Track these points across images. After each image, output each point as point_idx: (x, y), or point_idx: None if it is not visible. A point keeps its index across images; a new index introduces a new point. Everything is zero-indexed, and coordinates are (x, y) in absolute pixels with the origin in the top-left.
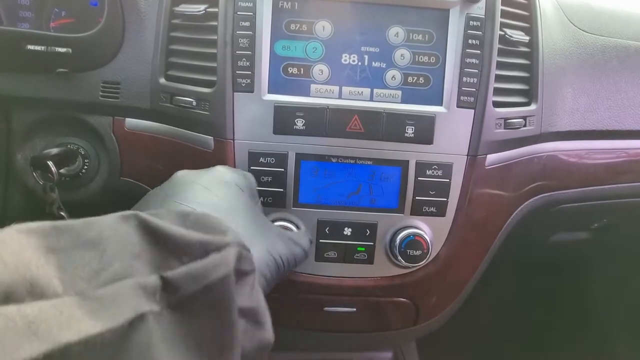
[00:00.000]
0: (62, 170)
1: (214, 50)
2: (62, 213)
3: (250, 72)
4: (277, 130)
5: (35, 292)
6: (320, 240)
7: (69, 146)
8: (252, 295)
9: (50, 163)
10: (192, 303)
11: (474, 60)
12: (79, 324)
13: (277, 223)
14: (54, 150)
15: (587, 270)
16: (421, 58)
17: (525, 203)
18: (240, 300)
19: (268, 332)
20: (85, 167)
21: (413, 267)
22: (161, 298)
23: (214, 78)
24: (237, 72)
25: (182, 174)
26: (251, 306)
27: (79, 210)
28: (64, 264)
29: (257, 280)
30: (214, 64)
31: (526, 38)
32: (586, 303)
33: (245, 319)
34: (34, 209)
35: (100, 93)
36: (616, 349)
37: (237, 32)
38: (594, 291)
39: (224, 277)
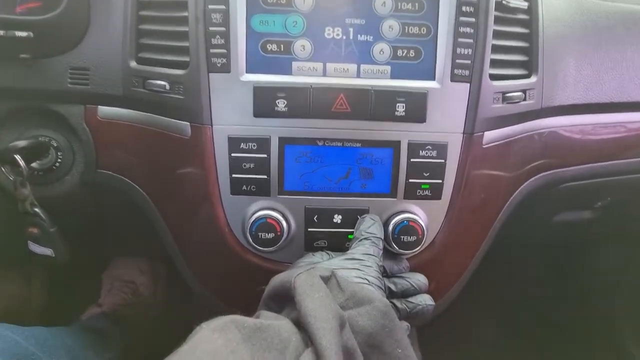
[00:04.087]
0: (33, 165)
1: (186, 28)
2: (36, 209)
3: (225, 51)
4: (257, 113)
5: None
6: (309, 229)
7: (39, 138)
8: None
9: (17, 157)
10: None
11: (468, 30)
12: None
13: (261, 212)
14: (21, 143)
15: (592, 250)
16: (411, 29)
17: (526, 183)
18: None
19: None
20: (59, 160)
21: (408, 254)
22: None
23: (187, 59)
24: (212, 50)
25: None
26: None
27: (55, 206)
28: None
29: None
30: (187, 44)
31: (525, 4)
32: (590, 283)
33: None
34: (9, 206)
35: (69, 80)
36: (622, 330)
37: (209, 6)
38: (598, 271)
39: None
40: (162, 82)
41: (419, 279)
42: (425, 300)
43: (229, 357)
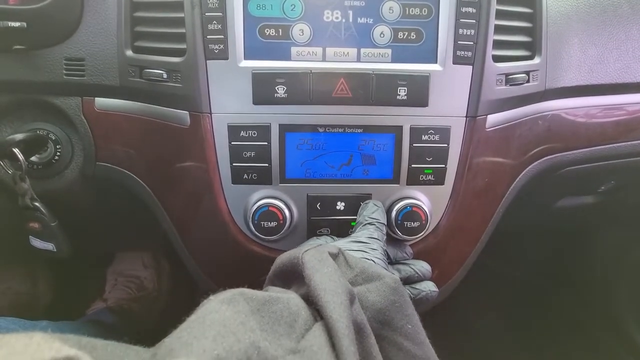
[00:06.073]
0: (33, 158)
1: (182, 14)
2: (36, 204)
3: (222, 36)
4: (257, 100)
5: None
6: (312, 217)
7: (37, 132)
8: None
9: (16, 150)
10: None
11: (470, 10)
12: None
13: (263, 201)
14: (19, 136)
15: (593, 236)
16: (412, 10)
17: (529, 167)
18: None
19: None
20: (58, 153)
21: (411, 239)
22: None
23: (183, 46)
24: (208, 36)
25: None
26: None
27: (56, 200)
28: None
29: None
30: (183, 30)
31: None
32: (592, 269)
33: None
34: (10, 202)
35: (64, 71)
36: (623, 315)
37: None
38: (600, 257)
39: None
40: (159, 71)
41: (423, 266)
42: (429, 286)
43: (238, 328)
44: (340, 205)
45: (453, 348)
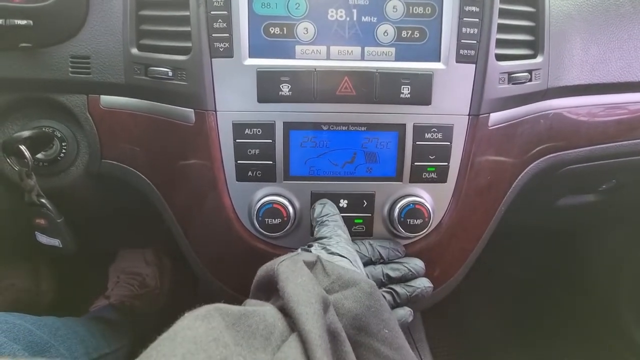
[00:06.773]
0: (38, 155)
1: (187, 13)
2: (42, 200)
3: (227, 35)
4: (261, 98)
5: None
6: None
7: (43, 129)
8: None
9: (22, 147)
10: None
11: (474, 8)
12: None
13: (267, 198)
14: (26, 133)
15: (595, 234)
16: (416, 9)
17: (531, 165)
18: None
19: None
20: (64, 150)
21: (414, 237)
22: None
23: (189, 44)
24: (214, 35)
25: None
26: None
27: (61, 197)
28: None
29: None
30: (188, 28)
31: None
32: (593, 268)
33: None
34: (16, 200)
35: (70, 69)
36: (625, 315)
37: None
38: (601, 256)
39: None
40: (165, 69)
41: (416, 263)
42: (423, 283)
43: (210, 345)
44: (344, 203)
45: (453, 347)
